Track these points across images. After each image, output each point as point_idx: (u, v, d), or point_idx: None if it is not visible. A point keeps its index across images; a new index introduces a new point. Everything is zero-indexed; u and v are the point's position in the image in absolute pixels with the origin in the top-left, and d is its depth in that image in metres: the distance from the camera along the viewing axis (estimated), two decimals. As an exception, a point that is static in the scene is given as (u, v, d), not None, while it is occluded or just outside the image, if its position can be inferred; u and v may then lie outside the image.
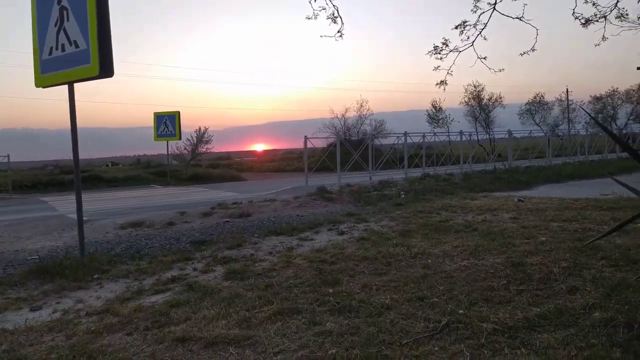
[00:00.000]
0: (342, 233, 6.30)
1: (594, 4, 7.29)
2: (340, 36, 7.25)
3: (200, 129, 26.39)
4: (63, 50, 5.21)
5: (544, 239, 5.14)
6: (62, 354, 2.83)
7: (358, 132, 29.60)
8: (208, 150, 27.48)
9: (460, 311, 3.13)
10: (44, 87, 5.54)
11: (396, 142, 17.26)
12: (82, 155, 5.54)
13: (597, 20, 7.43)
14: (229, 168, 30.22)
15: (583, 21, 7.47)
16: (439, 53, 7.64)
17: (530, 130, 22.30)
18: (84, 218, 5.56)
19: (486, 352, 2.57)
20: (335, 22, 7.06)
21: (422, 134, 17.00)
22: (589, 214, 6.64)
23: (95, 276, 4.67)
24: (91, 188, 18.32)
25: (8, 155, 17.64)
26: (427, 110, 32.25)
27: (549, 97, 34.89)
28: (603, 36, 7.72)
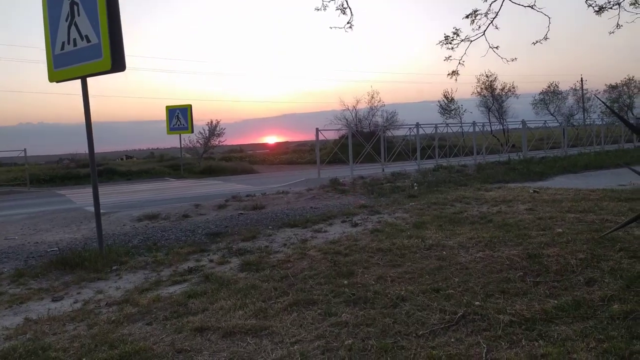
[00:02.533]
0: (355, 225, 6.31)
1: None
2: (350, 27, 7.22)
3: (212, 121, 26.57)
4: (75, 45, 5.26)
5: (560, 230, 5.10)
6: (84, 342, 2.89)
7: (370, 124, 29.51)
8: (220, 143, 27.67)
9: (477, 303, 3.13)
10: (57, 82, 5.60)
11: (408, 133, 17.17)
12: (97, 148, 5.61)
13: (611, 8, 7.30)
14: (241, 161, 30.38)
15: (597, 8, 7.34)
16: (450, 43, 7.57)
17: (545, 121, 21.95)
18: (101, 211, 5.65)
19: (503, 343, 2.57)
20: (344, 14, 7.03)
21: (434, 125, 16.87)
22: (606, 204, 6.56)
23: (114, 267, 4.75)
24: (107, 181, 18.57)
25: (25, 150, 17.95)
26: (439, 101, 32.00)
27: (563, 87, 34.44)
28: (617, 23, 7.58)
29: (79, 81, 5.41)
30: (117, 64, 5.00)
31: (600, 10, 7.34)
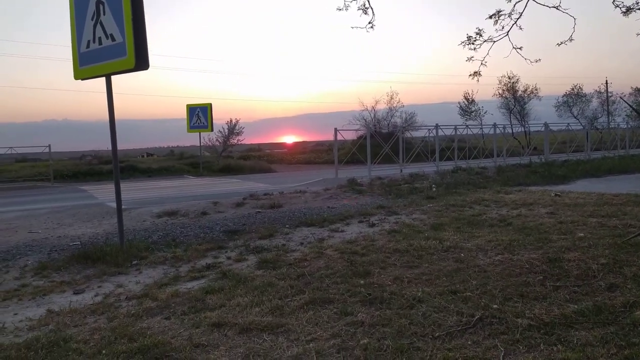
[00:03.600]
0: (372, 225, 6.29)
1: None
2: (372, 27, 7.18)
3: (231, 120, 26.79)
4: (100, 43, 5.36)
5: (582, 234, 5.00)
6: (105, 335, 2.95)
7: (388, 125, 29.40)
8: (239, 142, 27.90)
9: (495, 306, 3.09)
10: (82, 80, 5.73)
11: (427, 134, 17.03)
12: (119, 146, 5.71)
13: (639, 9, 7.11)
14: (259, 160, 30.53)
15: (624, 10, 7.16)
16: (473, 43, 7.46)
17: (568, 123, 21.60)
18: (122, 207, 5.76)
19: (521, 347, 2.54)
20: (366, 14, 6.99)
21: (454, 127, 16.71)
22: (629, 209, 6.41)
23: (134, 262, 4.84)
24: (128, 178, 18.87)
25: (49, 146, 18.37)
26: (459, 102, 31.63)
27: (587, 89, 33.70)
28: None
29: (103, 79, 5.52)
30: (141, 62, 5.08)
31: (628, 11, 7.16)
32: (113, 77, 5.51)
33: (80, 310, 3.51)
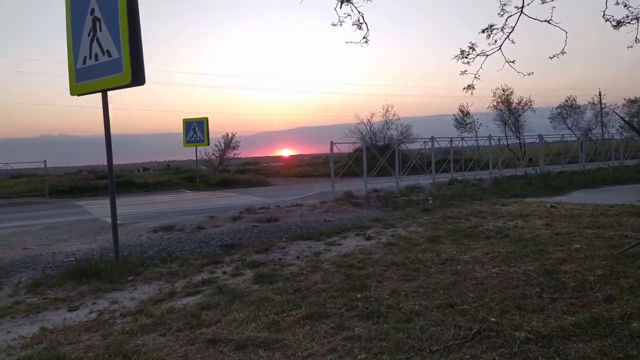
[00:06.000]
0: (369, 238, 6.28)
1: (625, 6, 7.10)
2: (366, 42, 7.24)
3: (227, 134, 26.84)
4: (96, 59, 5.39)
5: (578, 246, 5.01)
6: (99, 353, 2.92)
7: (384, 137, 29.44)
8: (236, 156, 27.86)
9: (492, 319, 3.08)
10: (78, 95, 5.75)
11: (423, 147, 17.09)
12: (115, 160, 5.70)
13: (629, 22, 7.22)
14: (256, 173, 30.50)
15: (614, 23, 7.27)
16: (466, 57, 7.53)
17: (562, 135, 21.69)
18: (118, 222, 5.73)
19: (519, 360, 2.52)
20: (360, 29, 7.07)
21: (449, 139, 16.78)
22: (625, 220, 6.43)
23: (129, 278, 4.80)
24: (124, 192, 18.81)
25: (45, 161, 18.34)
26: (454, 115, 31.80)
27: (580, 101, 33.90)
28: (636, 38, 7.48)
29: (99, 94, 5.54)
30: (137, 78, 5.11)
31: (619, 24, 7.28)
32: (109, 92, 5.53)
33: (74, 327, 3.47)
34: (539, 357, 2.54)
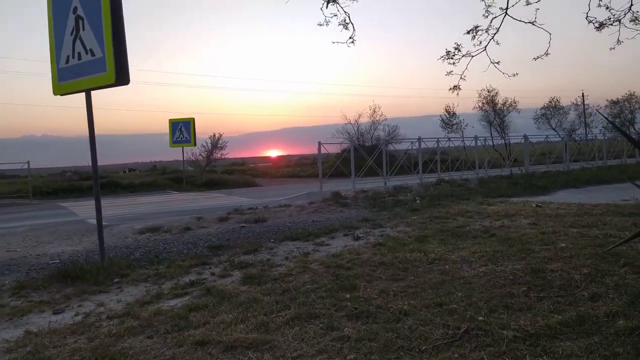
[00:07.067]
0: (358, 238, 6.29)
1: (607, 8, 7.22)
2: (352, 42, 7.26)
3: (214, 135, 26.71)
4: (79, 58, 5.30)
5: (564, 245, 5.07)
6: (85, 356, 2.87)
7: (372, 138, 29.55)
8: (223, 156, 27.76)
9: (480, 318, 3.10)
10: (61, 95, 5.64)
11: (410, 147, 17.20)
12: (100, 161, 5.62)
13: (611, 24, 7.35)
14: (243, 174, 30.40)
15: (597, 25, 7.39)
16: (452, 58, 7.59)
17: (547, 135, 21.98)
18: (103, 223, 5.65)
19: (507, 359, 2.54)
20: (346, 29, 7.08)
21: (436, 139, 16.89)
22: (609, 219, 6.53)
23: (116, 280, 4.74)
24: (109, 194, 18.58)
25: (28, 162, 18.03)
26: (440, 116, 32.04)
27: (564, 102, 34.44)
28: (618, 39, 7.61)
29: (82, 94, 5.45)
30: (121, 77, 5.04)
31: (601, 26, 7.39)
32: (93, 92, 5.45)
33: (59, 330, 3.41)
34: (527, 355, 2.57)
